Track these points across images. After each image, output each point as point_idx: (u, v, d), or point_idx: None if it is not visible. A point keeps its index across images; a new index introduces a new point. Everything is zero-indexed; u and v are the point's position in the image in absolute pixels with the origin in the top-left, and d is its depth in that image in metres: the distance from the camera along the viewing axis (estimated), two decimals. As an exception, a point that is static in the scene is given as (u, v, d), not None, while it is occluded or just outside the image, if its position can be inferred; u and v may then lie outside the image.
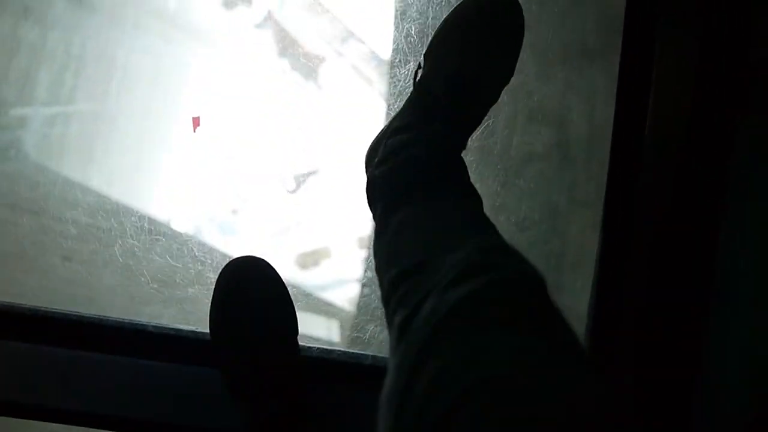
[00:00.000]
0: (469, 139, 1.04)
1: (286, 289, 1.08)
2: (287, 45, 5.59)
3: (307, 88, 5.58)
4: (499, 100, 1.05)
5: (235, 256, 1.20)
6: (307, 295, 2.15)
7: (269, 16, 6.82)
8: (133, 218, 2.34)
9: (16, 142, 3.07)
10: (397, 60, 1.72)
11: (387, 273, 0.81)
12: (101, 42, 3.10)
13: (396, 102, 1.77)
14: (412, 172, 0.92)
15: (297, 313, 1.18)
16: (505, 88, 1.03)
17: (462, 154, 0.99)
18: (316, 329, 2.28)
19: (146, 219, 2.42)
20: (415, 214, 0.86)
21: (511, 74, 0.99)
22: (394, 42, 1.75)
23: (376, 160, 1.00)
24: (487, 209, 0.93)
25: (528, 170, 1.54)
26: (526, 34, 1.03)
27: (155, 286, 2.05)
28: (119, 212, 2.25)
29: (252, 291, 1.04)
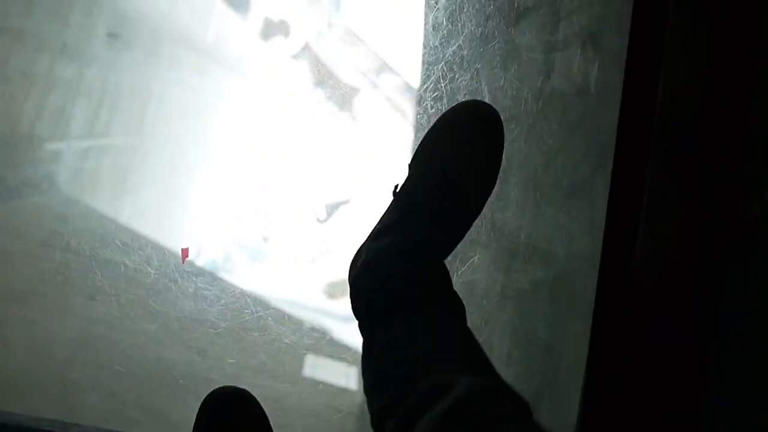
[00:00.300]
0: (455, 274, 1.01)
1: (270, 426, 1.05)
2: (323, 76, 5.53)
3: (341, 119, 5.48)
4: (485, 237, 1.03)
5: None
6: (329, 340, 2.01)
7: (306, 47, 6.79)
8: (161, 256, 2.25)
9: (48, 176, 3.09)
10: (428, 89, 1.66)
11: (376, 399, 0.83)
12: (137, 77, 3.15)
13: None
14: (394, 288, 0.92)
15: (315, 358, 1.14)
16: (492, 224, 1.02)
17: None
18: (334, 377, 2.16)
19: (174, 257, 2.34)
20: (401, 335, 0.87)
21: (493, 185, 1.01)
22: (426, 73, 1.69)
23: (359, 264, 1.00)
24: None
25: (513, 306, 1.47)
26: (514, 171, 1.04)
27: (178, 328, 1.95)
28: (147, 249, 2.17)
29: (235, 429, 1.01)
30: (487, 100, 1.02)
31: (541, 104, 1.42)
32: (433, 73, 1.68)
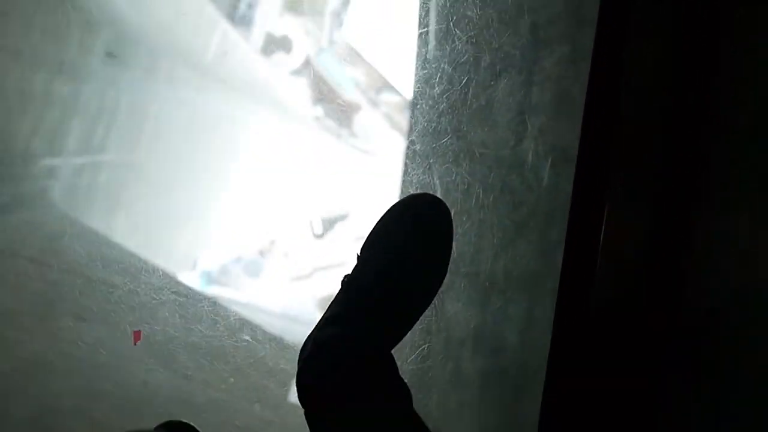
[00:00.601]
0: (405, 361, 1.02)
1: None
2: (323, 92, 5.57)
3: (340, 135, 5.51)
4: (435, 326, 1.03)
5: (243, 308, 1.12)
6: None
7: (307, 63, 6.86)
8: (153, 276, 2.24)
9: (42, 192, 3.10)
10: (423, 106, 1.67)
11: None
12: (135, 95, 3.15)
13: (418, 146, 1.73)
14: (340, 377, 0.94)
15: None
16: (442, 314, 1.02)
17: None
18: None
19: (167, 277, 2.34)
20: (348, 423, 0.89)
21: (441, 279, 1.02)
22: (426, 92, 1.71)
23: (306, 354, 1.02)
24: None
25: (463, 394, 1.47)
26: (465, 262, 1.04)
27: (165, 351, 1.94)
28: (140, 270, 2.17)
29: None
30: (438, 194, 1.04)
31: (492, 199, 1.43)
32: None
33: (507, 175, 1.39)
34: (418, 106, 1.60)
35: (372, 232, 1.05)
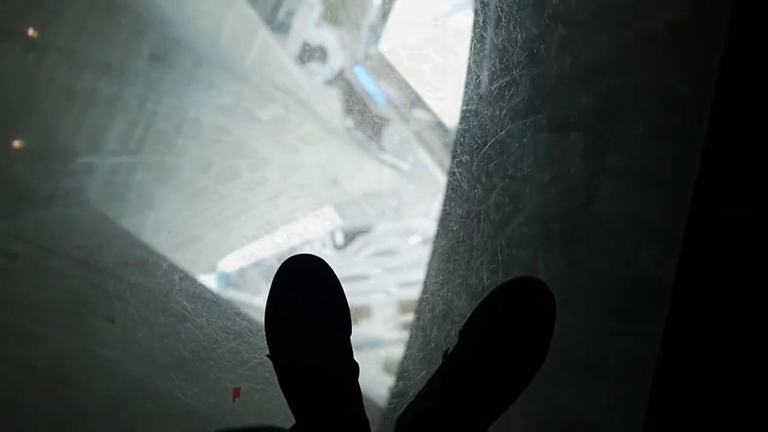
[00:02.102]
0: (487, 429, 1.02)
1: (341, 287, 1.09)
2: (354, 104, 5.60)
3: (369, 148, 5.55)
4: (522, 406, 1.03)
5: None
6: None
7: (340, 74, 6.91)
8: (180, 279, 2.28)
9: (79, 188, 3.17)
10: (484, 261, 1.69)
11: None
12: (174, 98, 3.25)
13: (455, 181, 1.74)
14: None
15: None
16: (534, 395, 1.03)
17: None
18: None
19: (193, 281, 2.37)
20: None
21: (540, 365, 1.02)
22: (484, 246, 1.73)
23: (404, 424, 1.02)
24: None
25: None
26: (566, 350, 1.04)
27: (188, 355, 1.97)
28: (168, 272, 2.20)
29: (306, 289, 1.06)
30: (542, 278, 1.04)
31: (595, 289, 1.43)
32: (491, 247, 1.71)
33: (610, 267, 1.40)
34: (527, 191, 1.61)
35: (476, 311, 1.05)
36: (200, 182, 3.66)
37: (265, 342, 1.08)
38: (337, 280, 1.11)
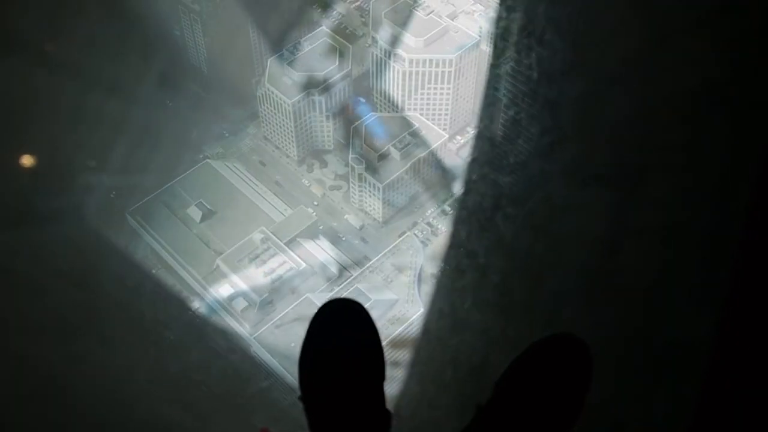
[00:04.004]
0: None
1: (378, 334, 1.07)
2: (355, 136, 5.74)
3: (368, 182, 5.68)
4: None
5: (272, 343, 1.11)
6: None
7: (343, 107, 7.13)
8: (173, 302, 2.23)
9: (79, 206, 3.19)
10: (510, 183, 1.67)
11: None
12: (179, 122, 3.34)
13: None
14: None
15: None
16: None
17: None
18: None
19: (186, 304, 2.31)
20: None
21: (577, 419, 1.02)
22: (508, 168, 1.72)
23: None
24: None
25: None
26: (602, 407, 1.04)
27: (175, 384, 1.89)
28: (161, 297, 2.15)
29: (344, 334, 1.03)
30: (579, 335, 1.07)
31: (626, 347, 1.44)
32: (530, 299, 1.73)
33: (647, 321, 1.40)
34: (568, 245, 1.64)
35: (513, 366, 1.04)
36: (205, 219, 3.66)
37: (298, 383, 1.06)
38: (374, 325, 1.08)
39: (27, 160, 3.08)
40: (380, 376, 1.03)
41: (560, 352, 1.02)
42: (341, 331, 1.01)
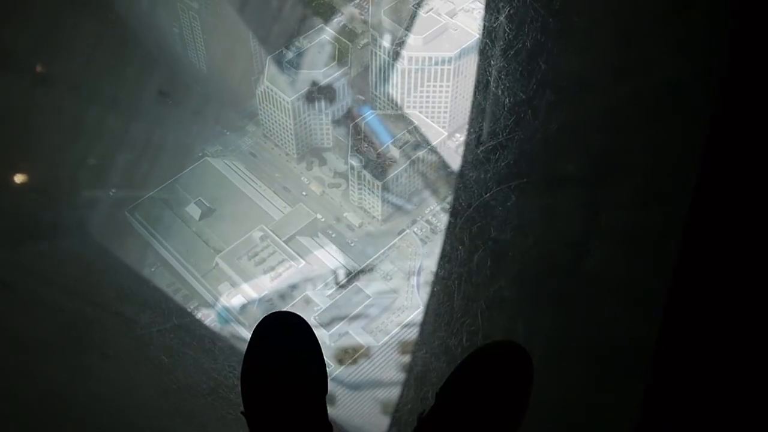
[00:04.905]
0: None
1: (319, 347, 1.11)
2: (361, 143, 5.76)
3: (374, 188, 5.68)
4: None
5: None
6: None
7: (348, 114, 7.16)
8: (177, 315, 2.29)
9: (81, 221, 3.24)
10: (465, 323, 1.74)
11: None
12: (181, 134, 3.36)
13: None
14: None
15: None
16: None
17: None
18: None
19: (188, 316, 2.38)
20: None
21: (518, 426, 1.05)
22: (465, 308, 1.79)
23: None
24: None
25: None
26: (544, 411, 1.07)
27: (182, 398, 1.97)
28: (164, 309, 2.22)
29: (285, 348, 1.07)
30: (521, 342, 1.09)
31: (575, 350, 1.47)
32: (472, 309, 1.77)
33: (591, 325, 1.43)
34: (509, 255, 1.68)
35: (453, 375, 1.08)
36: (204, 217, 3.73)
37: (241, 398, 1.10)
38: (316, 339, 1.12)
39: (29, 176, 3.14)
40: (322, 390, 1.06)
41: (499, 359, 1.05)
42: (282, 345, 1.05)
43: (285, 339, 1.06)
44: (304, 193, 11.07)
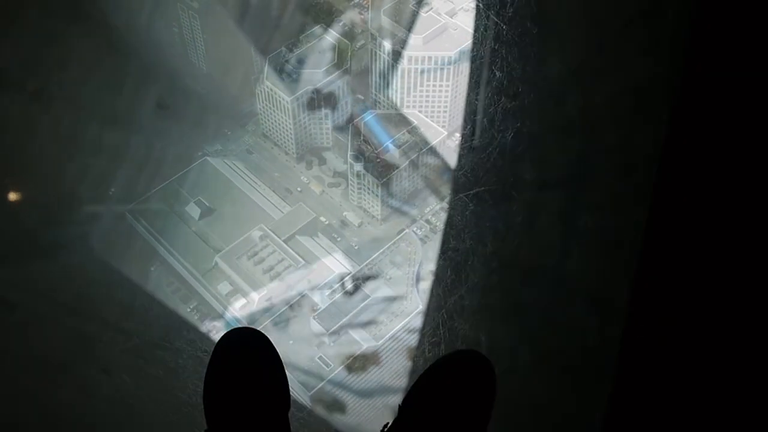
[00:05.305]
0: None
1: (282, 364, 1.10)
2: (364, 149, 5.75)
3: (378, 194, 5.67)
4: None
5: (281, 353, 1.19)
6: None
7: (350, 120, 7.15)
8: (180, 330, 2.29)
9: (83, 237, 3.24)
10: (426, 334, 1.73)
11: None
12: (181, 146, 3.34)
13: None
14: None
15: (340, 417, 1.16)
16: None
17: None
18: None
19: (192, 330, 2.37)
20: None
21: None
22: (426, 320, 1.78)
23: None
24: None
25: None
26: (508, 419, 1.06)
27: (187, 412, 1.97)
28: (166, 325, 2.22)
29: (247, 365, 1.06)
30: (484, 351, 1.07)
31: (539, 358, 1.45)
32: (434, 320, 1.74)
33: (555, 335, 1.41)
34: (469, 263, 1.66)
35: (415, 385, 1.07)
36: (203, 217, 3.70)
37: (204, 417, 1.09)
38: (278, 355, 1.11)
39: (29, 193, 3.13)
40: (285, 406, 1.06)
41: (460, 369, 1.04)
42: (243, 362, 1.04)
43: (246, 356, 1.05)
44: (303, 192, 11.09)
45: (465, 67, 11.12)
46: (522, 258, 1.52)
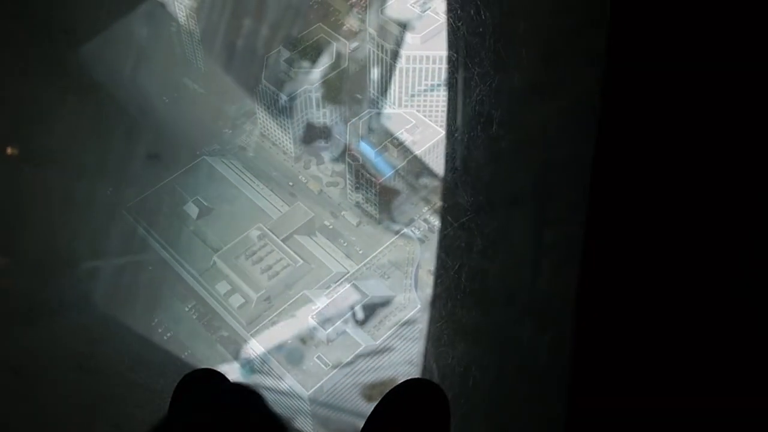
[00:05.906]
0: None
1: (241, 401, 1.13)
2: (362, 177, 5.93)
3: (364, 176, 5.85)
4: None
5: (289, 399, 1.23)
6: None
7: (346, 150, 7.32)
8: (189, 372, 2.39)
9: (86, 295, 3.33)
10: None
11: None
12: (176, 194, 3.36)
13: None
14: None
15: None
16: None
17: None
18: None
19: (206, 373, 2.47)
20: None
21: None
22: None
23: None
24: None
25: None
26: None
27: None
28: (173, 373, 2.33)
29: (205, 405, 1.08)
30: (435, 378, 1.12)
31: (489, 382, 1.48)
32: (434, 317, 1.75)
33: (505, 357, 1.42)
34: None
35: (370, 418, 1.08)
36: (202, 216, 3.78)
37: None
38: (238, 394, 1.13)
39: (25, 257, 3.20)
40: None
41: (413, 398, 1.06)
42: (202, 402, 1.08)
43: (202, 396, 1.10)
44: (301, 191, 11.10)
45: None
46: (469, 281, 1.55)
